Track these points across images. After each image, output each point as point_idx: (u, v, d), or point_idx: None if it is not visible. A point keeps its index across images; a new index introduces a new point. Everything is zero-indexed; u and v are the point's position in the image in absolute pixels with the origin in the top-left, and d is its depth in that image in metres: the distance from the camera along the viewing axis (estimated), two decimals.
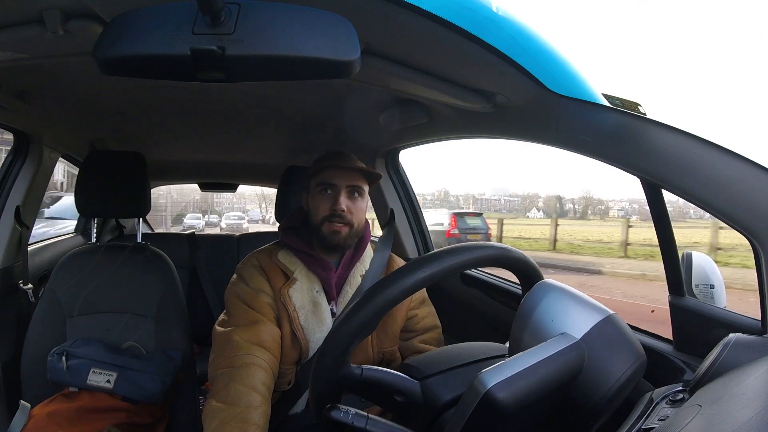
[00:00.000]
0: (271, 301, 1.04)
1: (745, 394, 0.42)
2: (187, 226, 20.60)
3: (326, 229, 1.05)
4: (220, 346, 0.98)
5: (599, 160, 0.71)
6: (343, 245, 1.07)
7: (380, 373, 0.68)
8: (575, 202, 55.43)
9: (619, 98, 0.72)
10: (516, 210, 53.58)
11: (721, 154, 0.61)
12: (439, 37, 0.62)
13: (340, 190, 1.05)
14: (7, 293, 1.32)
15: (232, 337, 0.97)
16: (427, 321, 1.16)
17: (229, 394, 0.88)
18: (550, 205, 54.46)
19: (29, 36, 0.68)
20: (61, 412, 1.13)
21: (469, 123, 1.01)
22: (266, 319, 1.01)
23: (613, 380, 0.57)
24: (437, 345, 1.15)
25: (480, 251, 0.66)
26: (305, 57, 0.46)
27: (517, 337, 0.63)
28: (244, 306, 1.03)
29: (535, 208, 52.55)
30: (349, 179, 1.06)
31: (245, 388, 0.89)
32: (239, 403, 0.87)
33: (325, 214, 1.05)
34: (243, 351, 0.95)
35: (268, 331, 1.00)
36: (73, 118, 1.37)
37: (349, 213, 1.05)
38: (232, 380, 0.90)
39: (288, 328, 1.03)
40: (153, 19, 0.46)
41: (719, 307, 0.72)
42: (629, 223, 12.09)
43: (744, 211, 0.58)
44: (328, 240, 1.05)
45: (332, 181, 1.05)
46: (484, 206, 56.23)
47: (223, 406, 0.87)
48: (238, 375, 0.91)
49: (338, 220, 1.04)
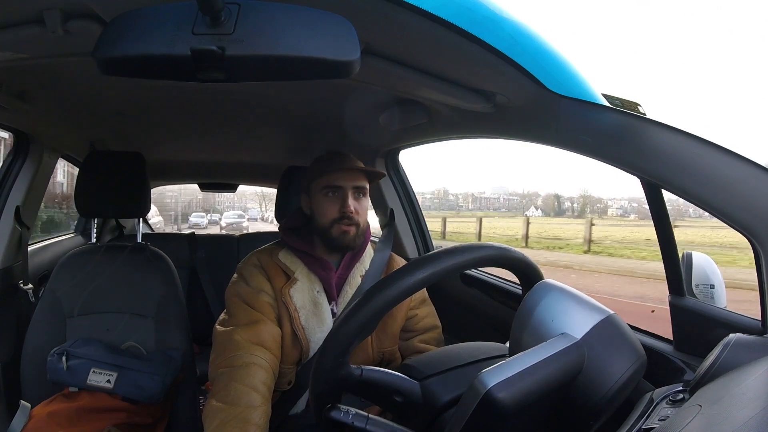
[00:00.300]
0: (271, 300, 1.04)
1: (745, 394, 0.42)
2: (192, 224, 21.85)
3: (336, 231, 1.05)
4: (221, 345, 0.98)
5: (599, 160, 0.71)
6: (353, 245, 1.07)
7: (380, 373, 0.68)
8: (573, 201, 55.41)
9: (619, 98, 0.72)
10: (515, 208, 53.52)
11: (721, 154, 0.61)
12: (439, 37, 0.62)
13: (346, 192, 1.05)
14: (7, 293, 1.32)
15: (232, 336, 0.97)
16: (427, 321, 1.16)
17: (229, 393, 0.88)
18: (548, 204, 54.45)
19: (29, 36, 0.68)
20: (61, 412, 1.13)
21: (469, 123, 1.01)
22: (267, 318, 1.01)
23: (613, 380, 0.57)
24: (437, 345, 1.15)
25: (480, 251, 0.66)
26: (305, 57, 0.46)
27: (517, 337, 0.63)
28: (244, 305, 1.03)
29: (534, 207, 52.56)
30: (354, 180, 1.06)
31: (245, 388, 0.89)
32: (239, 403, 0.87)
33: (335, 217, 1.05)
34: (243, 350, 0.95)
35: (269, 331, 1.00)
36: (73, 118, 1.37)
37: (356, 214, 1.06)
38: (232, 380, 0.90)
39: (289, 327, 1.03)
40: (153, 19, 0.46)
41: (719, 307, 0.72)
42: (592, 221, 13.75)
43: (744, 211, 0.58)
44: (338, 241, 1.06)
45: (338, 183, 1.05)
46: (483, 205, 56.22)
47: (223, 406, 0.87)
48: (239, 375, 0.91)
49: (347, 221, 1.04)
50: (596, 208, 51.09)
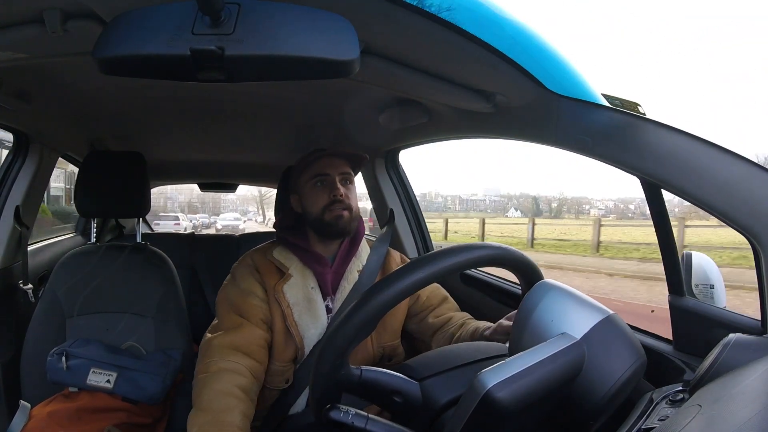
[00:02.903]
0: (260, 302, 1.05)
1: (745, 394, 0.42)
2: (198, 224, 21.41)
3: (329, 216, 1.06)
4: (202, 352, 1.00)
5: (599, 160, 0.71)
6: (348, 228, 1.08)
7: (379, 374, 0.68)
8: (551, 201, 55.42)
9: (618, 98, 0.72)
10: (501, 210, 53.59)
11: (721, 154, 0.61)
12: (439, 37, 0.62)
13: (334, 178, 1.07)
14: (7, 293, 1.32)
15: (211, 342, 0.99)
16: (433, 297, 1.16)
17: (203, 399, 0.90)
18: (526, 205, 54.56)
19: (29, 36, 0.68)
20: (61, 412, 1.13)
21: (469, 123, 1.01)
22: (251, 322, 1.02)
23: (613, 380, 0.57)
24: (456, 311, 1.15)
25: (480, 251, 0.66)
26: (305, 57, 0.46)
27: (517, 337, 0.63)
28: (230, 310, 1.04)
29: (513, 208, 52.77)
30: (339, 167, 1.09)
31: (218, 393, 0.90)
32: (212, 407, 0.89)
33: (325, 203, 1.06)
34: (218, 357, 0.97)
35: (251, 335, 1.01)
36: (73, 118, 1.36)
37: (347, 198, 1.07)
38: (206, 386, 0.92)
39: (282, 324, 1.04)
40: (153, 19, 0.46)
41: (719, 307, 0.72)
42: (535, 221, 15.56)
43: (744, 212, 0.58)
44: (333, 226, 1.06)
45: (326, 170, 1.08)
46: (469, 206, 56.54)
47: (199, 413, 0.89)
48: (212, 380, 0.93)
49: (339, 205, 1.06)
50: (573, 209, 51.33)
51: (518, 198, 57.38)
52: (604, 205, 51.83)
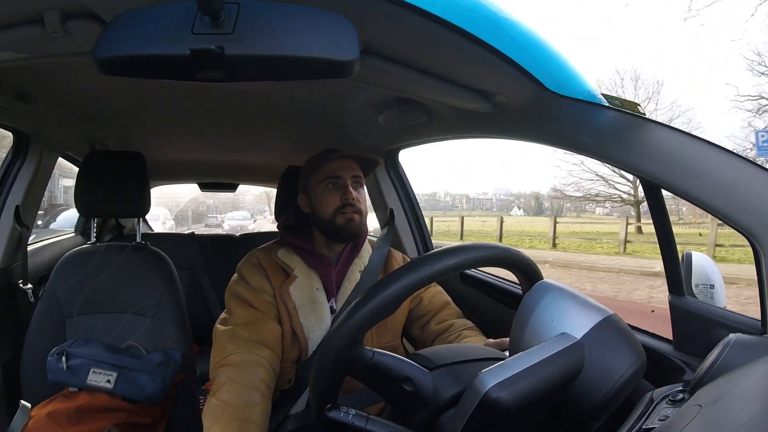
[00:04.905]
0: (271, 299, 1.05)
1: (745, 394, 0.42)
2: (206, 224, 21.61)
3: (340, 219, 1.06)
4: (221, 344, 0.98)
5: (599, 160, 0.72)
6: (359, 232, 1.08)
7: (392, 358, 0.66)
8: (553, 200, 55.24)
9: (618, 98, 0.72)
10: (506, 208, 53.51)
11: (721, 154, 0.61)
12: (439, 37, 0.61)
13: (346, 181, 1.07)
14: (7, 293, 1.32)
15: (232, 335, 0.97)
16: (436, 300, 1.16)
17: (228, 392, 0.88)
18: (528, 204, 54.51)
19: (29, 36, 0.68)
20: (61, 412, 1.13)
21: (469, 123, 1.01)
22: (267, 316, 1.02)
23: (613, 380, 0.57)
24: (458, 318, 1.14)
25: (480, 251, 0.66)
26: (305, 57, 0.46)
27: (517, 337, 0.63)
28: (244, 304, 1.03)
29: (516, 207, 52.66)
30: (351, 170, 1.08)
31: (245, 386, 0.89)
32: (239, 401, 0.87)
33: (337, 206, 1.06)
34: (243, 349, 0.95)
35: (269, 329, 1.00)
36: (73, 118, 1.36)
37: (358, 202, 1.07)
38: (231, 378, 0.90)
39: (288, 325, 1.03)
40: (152, 19, 0.46)
41: (719, 307, 0.72)
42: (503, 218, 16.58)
43: (744, 212, 0.58)
44: (344, 230, 1.06)
45: (338, 173, 1.07)
46: (476, 205, 56.57)
47: (222, 404, 0.87)
48: (238, 373, 0.91)
49: (350, 208, 1.06)
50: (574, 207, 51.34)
51: (526, 197, 57.38)
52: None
